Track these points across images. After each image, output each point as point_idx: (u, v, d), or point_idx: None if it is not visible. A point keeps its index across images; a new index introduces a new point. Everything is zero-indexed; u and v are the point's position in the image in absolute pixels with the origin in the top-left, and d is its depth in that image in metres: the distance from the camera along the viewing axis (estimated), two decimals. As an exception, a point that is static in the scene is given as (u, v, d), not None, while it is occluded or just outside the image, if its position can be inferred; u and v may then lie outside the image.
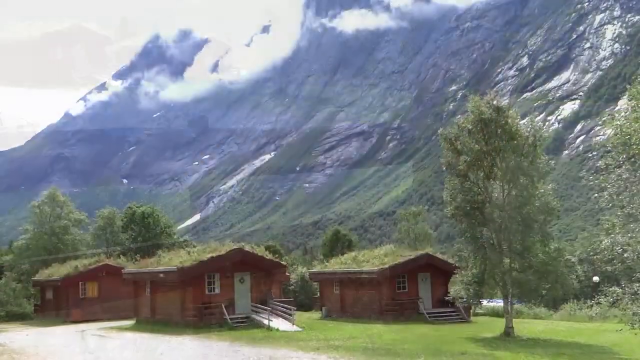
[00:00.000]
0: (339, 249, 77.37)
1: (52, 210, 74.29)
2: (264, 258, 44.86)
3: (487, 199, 34.56)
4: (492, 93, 38.05)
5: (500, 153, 34.38)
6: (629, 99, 23.28)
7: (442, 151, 37.47)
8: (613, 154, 22.74)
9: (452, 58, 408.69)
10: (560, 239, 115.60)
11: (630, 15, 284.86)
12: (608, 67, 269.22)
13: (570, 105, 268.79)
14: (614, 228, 22.72)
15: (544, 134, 36.25)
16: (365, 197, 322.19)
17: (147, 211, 75.77)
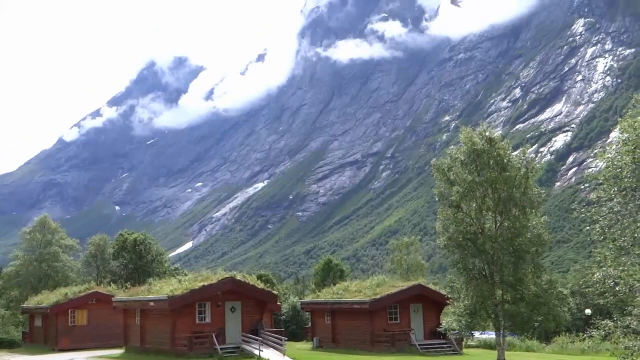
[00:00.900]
0: (330, 279, 77.03)
1: (43, 236, 73.79)
2: (256, 287, 44.55)
3: (479, 230, 34.53)
4: (485, 124, 38.23)
5: (493, 184, 34.41)
6: (621, 132, 23.37)
7: (435, 182, 37.51)
8: (605, 187, 22.79)
9: (446, 89, 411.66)
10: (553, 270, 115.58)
11: (621, 48, 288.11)
12: (600, 100, 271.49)
13: (562, 137, 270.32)
14: (606, 261, 22.69)
15: (536, 166, 36.28)
16: (357, 227, 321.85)
17: (139, 238, 75.28)
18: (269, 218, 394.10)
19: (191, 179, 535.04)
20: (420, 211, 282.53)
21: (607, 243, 23.00)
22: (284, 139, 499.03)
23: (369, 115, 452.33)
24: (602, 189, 23.01)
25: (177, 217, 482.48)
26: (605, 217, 22.24)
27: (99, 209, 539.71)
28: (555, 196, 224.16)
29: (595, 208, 23.15)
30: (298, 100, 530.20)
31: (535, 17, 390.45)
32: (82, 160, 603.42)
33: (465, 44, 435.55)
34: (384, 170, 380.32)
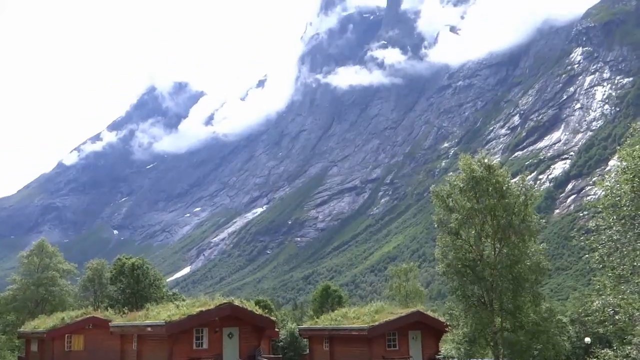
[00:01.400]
0: (329, 305, 76.65)
1: (41, 260, 73.55)
2: (254, 313, 44.28)
3: (478, 257, 34.48)
4: (483, 151, 38.35)
5: (492, 211, 34.43)
6: (619, 160, 23.43)
7: (434, 208, 37.53)
8: (604, 215, 22.81)
9: (445, 115, 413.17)
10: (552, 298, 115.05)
11: (619, 77, 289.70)
12: (598, 128, 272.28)
13: (561, 165, 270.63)
14: (605, 289, 22.65)
15: (535, 193, 36.35)
16: (356, 253, 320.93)
17: (137, 263, 74.98)
18: (267, 243, 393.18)
19: (190, 203, 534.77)
20: (419, 237, 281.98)
21: (606, 271, 22.98)
22: (283, 165, 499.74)
23: (368, 142, 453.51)
24: (601, 217, 23.03)
25: (175, 242, 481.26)
26: (604, 245, 22.25)
27: (98, 233, 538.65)
28: (554, 223, 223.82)
29: (594, 236, 23.15)
30: (297, 126, 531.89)
31: (533, 46, 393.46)
32: (81, 184, 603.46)
33: (464, 72, 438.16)
34: (383, 196, 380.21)
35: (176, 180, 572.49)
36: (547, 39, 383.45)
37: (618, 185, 22.00)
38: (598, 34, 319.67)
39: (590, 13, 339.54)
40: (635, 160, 21.74)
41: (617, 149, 24.47)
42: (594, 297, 23.80)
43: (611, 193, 22.13)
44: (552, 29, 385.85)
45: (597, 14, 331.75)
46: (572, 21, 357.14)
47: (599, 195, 47.35)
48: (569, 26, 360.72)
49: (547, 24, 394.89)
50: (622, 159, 22.80)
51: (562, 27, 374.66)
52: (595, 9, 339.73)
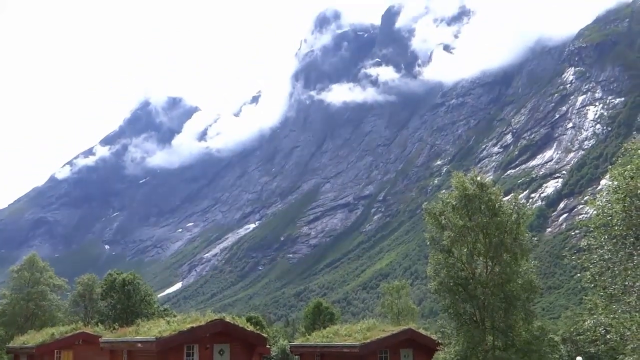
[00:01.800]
0: (320, 322, 76.37)
1: (31, 275, 73.12)
2: (245, 330, 44.07)
3: (470, 275, 34.47)
4: (476, 169, 38.47)
5: (484, 229, 34.47)
6: (611, 180, 23.56)
7: (426, 226, 37.55)
8: (595, 234, 22.89)
9: (438, 133, 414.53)
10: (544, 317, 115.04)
11: (611, 97, 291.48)
12: (590, 147, 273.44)
13: (553, 183, 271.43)
14: (596, 308, 22.68)
15: (527, 212, 36.42)
16: (348, 270, 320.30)
17: (128, 279, 74.63)
18: (259, 259, 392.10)
19: (182, 219, 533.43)
20: (412, 255, 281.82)
21: (597, 290, 23.03)
22: (276, 181, 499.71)
23: (361, 158, 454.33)
24: (592, 236, 23.11)
25: (167, 257, 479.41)
26: (595, 264, 22.33)
27: (89, 247, 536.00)
28: (546, 242, 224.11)
29: (586, 255, 23.23)
30: (291, 142, 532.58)
31: (526, 65, 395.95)
32: (73, 198, 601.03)
33: (457, 90, 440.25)
34: (376, 213, 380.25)
35: (168, 195, 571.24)
36: (540, 59, 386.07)
37: (609, 204, 22.12)
38: (590, 54, 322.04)
39: (582, 34, 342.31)
40: (627, 180, 21.86)
41: (609, 168, 24.61)
42: (585, 316, 23.83)
43: (602, 212, 22.25)
44: (545, 49, 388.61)
45: (590, 34, 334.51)
46: (565, 41, 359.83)
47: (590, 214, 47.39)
48: (561, 46, 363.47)
49: (539, 43, 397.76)
50: (614, 179, 22.93)
51: (554, 47, 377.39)
52: (587, 30, 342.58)
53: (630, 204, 21.41)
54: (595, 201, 23.80)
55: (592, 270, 22.60)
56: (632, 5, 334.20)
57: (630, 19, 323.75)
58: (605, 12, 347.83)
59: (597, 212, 23.08)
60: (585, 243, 23.74)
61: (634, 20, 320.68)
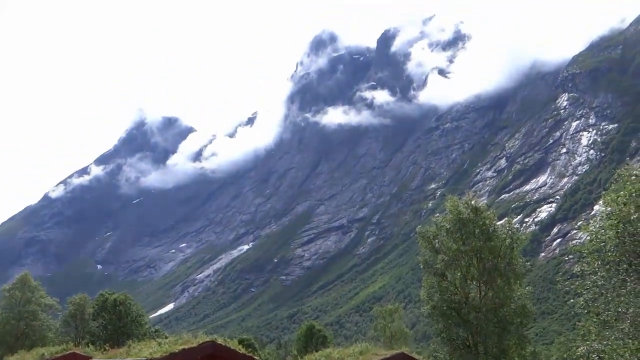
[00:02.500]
0: (313, 345, 75.94)
1: (23, 294, 72.57)
2: (237, 352, 43.60)
3: (463, 299, 34.42)
4: (470, 193, 38.56)
5: (478, 253, 34.50)
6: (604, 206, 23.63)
7: (420, 249, 37.54)
8: (589, 260, 22.91)
9: (432, 157, 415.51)
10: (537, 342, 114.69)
11: (604, 123, 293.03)
12: (584, 173, 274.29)
13: (547, 208, 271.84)
14: (590, 335, 22.62)
15: (521, 236, 36.50)
16: (341, 292, 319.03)
17: (119, 299, 74.14)
18: (252, 281, 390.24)
19: (176, 239, 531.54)
20: (405, 278, 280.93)
21: (591, 317, 22.98)
22: (270, 202, 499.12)
23: (355, 181, 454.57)
24: (585, 262, 23.12)
25: (159, 278, 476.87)
26: (589, 290, 22.32)
27: (81, 267, 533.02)
28: (539, 267, 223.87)
29: (579, 281, 23.24)
30: (285, 163, 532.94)
31: (520, 90, 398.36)
32: (66, 217, 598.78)
33: (452, 114, 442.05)
34: (370, 236, 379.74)
35: (162, 215, 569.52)
36: (534, 84, 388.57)
37: (603, 230, 22.16)
38: (584, 80, 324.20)
39: (576, 60, 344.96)
40: (620, 206, 21.94)
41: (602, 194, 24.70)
42: (578, 343, 23.76)
43: (596, 238, 22.29)
44: (539, 75, 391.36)
45: (583, 61, 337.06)
46: (559, 67, 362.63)
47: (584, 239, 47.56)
48: (555, 72, 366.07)
49: (534, 69, 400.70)
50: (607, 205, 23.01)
51: (548, 73, 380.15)
52: (581, 56, 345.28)
53: (624, 230, 21.45)
54: (589, 227, 23.84)
55: (585, 296, 22.59)
56: (625, 33, 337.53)
57: (623, 46, 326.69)
58: (598, 39, 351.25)
59: (590, 237, 23.12)
60: (579, 269, 23.75)
61: (626, 47, 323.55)
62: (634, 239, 21.21)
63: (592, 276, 22.41)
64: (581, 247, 23.98)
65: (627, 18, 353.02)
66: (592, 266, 22.47)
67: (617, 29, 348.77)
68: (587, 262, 22.89)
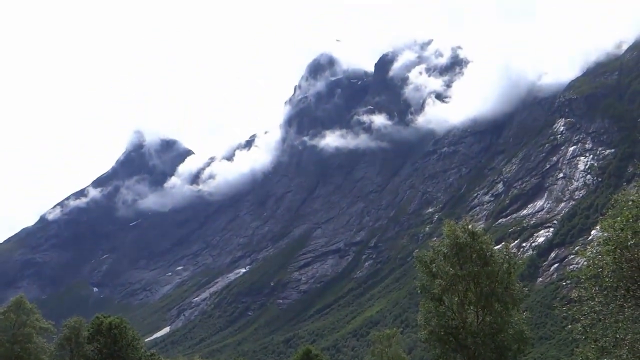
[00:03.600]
0: (309, 370, 75.45)
1: (18, 317, 72.27)
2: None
3: (461, 324, 34.31)
4: (467, 218, 38.59)
5: (475, 278, 34.46)
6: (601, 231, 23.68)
7: (417, 274, 37.49)
8: (586, 286, 22.90)
9: (429, 181, 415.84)
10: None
11: (601, 148, 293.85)
12: (581, 198, 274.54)
13: (544, 233, 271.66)
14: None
15: (518, 261, 36.48)
16: (339, 316, 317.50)
17: (115, 322, 73.77)
18: (249, 305, 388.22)
19: (172, 262, 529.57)
20: (402, 302, 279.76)
21: (589, 343, 22.90)
22: (267, 225, 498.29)
23: (353, 205, 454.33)
24: (583, 288, 23.11)
25: (156, 301, 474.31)
26: (586, 316, 22.26)
27: (77, 290, 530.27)
28: (537, 292, 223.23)
29: (577, 307, 23.19)
30: (283, 187, 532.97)
31: (517, 115, 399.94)
32: (63, 239, 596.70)
33: (449, 138, 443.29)
34: (367, 259, 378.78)
35: (159, 238, 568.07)
36: (531, 109, 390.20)
37: (600, 256, 22.17)
38: (580, 105, 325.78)
39: (572, 85, 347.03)
40: (617, 232, 21.97)
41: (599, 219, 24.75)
42: (576, 369, 23.64)
43: (593, 264, 22.30)
44: (536, 100, 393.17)
45: (580, 86, 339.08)
46: (555, 93, 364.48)
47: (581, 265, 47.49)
48: (552, 97, 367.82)
49: (530, 94, 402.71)
50: (604, 230, 23.05)
51: (545, 98, 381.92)
52: (577, 82, 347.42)
53: (621, 256, 21.47)
54: (586, 252, 23.88)
55: (583, 322, 22.55)
56: (621, 59, 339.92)
57: (619, 72, 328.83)
58: (595, 65, 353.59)
59: (587, 263, 23.14)
60: (576, 294, 23.74)
61: (622, 73, 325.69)
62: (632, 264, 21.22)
63: (590, 302, 22.39)
64: (578, 272, 24.01)
65: (623, 44, 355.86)
66: (590, 292, 22.47)
67: (614, 55, 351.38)
68: (584, 288, 22.89)
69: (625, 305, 21.30)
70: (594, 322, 22.20)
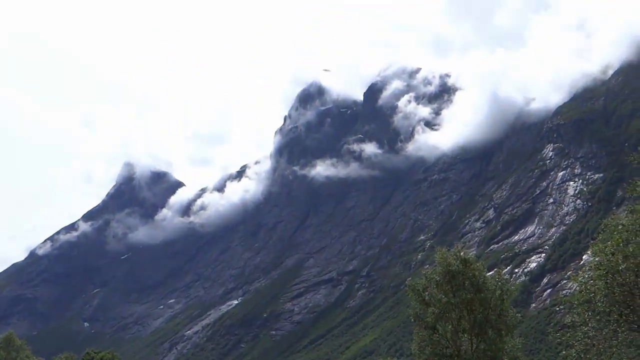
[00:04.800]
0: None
1: (7, 354, 71.55)
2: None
3: (455, 352, 34.16)
4: (459, 245, 38.63)
5: (468, 305, 34.38)
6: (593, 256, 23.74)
7: (411, 302, 37.39)
8: (579, 311, 22.89)
9: (421, 208, 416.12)
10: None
11: (590, 173, 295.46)
12: (571, 222, 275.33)
13: (536, 258, 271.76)
14: (583, 387, 22.43)
15: (510, 288, 36.47)
16: (333, 347, 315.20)
17: (106, 357, 73.07)
18: (242, 336, 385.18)
19: (164, 295, 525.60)
20: (396, 331, 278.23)
21: (583, 368, 22.80)
22: (259, 256, 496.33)
23: (344, 233, 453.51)
24: (576, 313, 23.09)
25: (147, 335, 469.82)
26: (580, 342, 22.20)
27: (68, 325, 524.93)
28: (530, 318, 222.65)
29: (570, 332, 23.14)
30: (274, 217, 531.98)
31: (506, 141, 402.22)
32: (53, 274, 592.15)
33: (439, 166, 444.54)
34: (360, 288, 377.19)
35: (150, 271, 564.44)
36: (520, 135, 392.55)
37: (592, 281, 22.20)
38: (568, 131, 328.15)
39: (560, 111, 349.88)
40: (608, 257, 22.03)
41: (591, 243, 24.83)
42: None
43: (585, 289, 22.33)
44: (525, 126, 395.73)
45: (567, 112, 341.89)
46: (544, 118, 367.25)
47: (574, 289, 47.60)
48: (540, 123, 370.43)
49: (519, 120, 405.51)
50: (596, 255, 23.10)
51: (533, 124, 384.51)
52: (565, 107, 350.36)
53: (613, 281, 21.51)
54: (578, 277, 23.91)
55: (577, 347, 22.49)
56: (607, 84, 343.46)
57: (605, 97, 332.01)
58: (581, 90, 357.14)
59: (580, 288, 23.17)
60: (570, 320, 23.70)
61: (609, 98, 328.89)
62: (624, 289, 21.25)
63: (583, 327, 22.36)
64: (571, 297, 24.03)
65: (609, 69, 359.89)
66: (583, 317, 22.46)
67: (600, 80, 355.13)
68: (577, 313, 22.87)
69: (619, 330, 21.30)
70: (588, 347, 22.17)
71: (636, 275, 21.59)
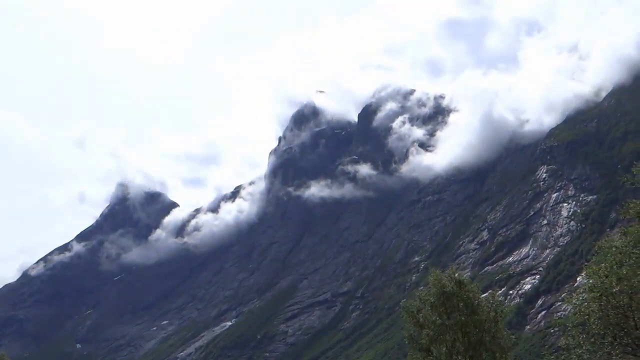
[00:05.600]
0: None
1: (-1, 376, 70.97)
2: None
3: (450, 375, 34.03)
4: (454, 266, 38.66)
5: (463, 327, 34.31)
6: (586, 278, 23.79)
7: (405, 324, 37.32)
8: (573, 333, 22.88)
9: (415, 230, 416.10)
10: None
11: (583, 194, 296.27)
12: (565, 244, 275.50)
13: (530, 280, 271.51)
14: (577, 410, 22.36)
15: (505, 309, 36.46)
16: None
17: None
18: (235, 358, 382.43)
19: (157, 316, 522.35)
20: (391, 353, 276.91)
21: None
22: (253, 277, 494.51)
23: (339, 255, 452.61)
24: (570, 335, 23.07)
25: (140, 357, 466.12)
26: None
27: (60, 346, 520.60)
28: (525, 340, 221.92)
29: (565, 355, 23.12)
30: (268, 238, 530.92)
31: (500, 163, 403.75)
32: (46, 295, 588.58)
33: (433, 187, 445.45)
34: (354, 310, 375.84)
35: (143, 292, 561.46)
36: (513, 157, 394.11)
37: (586, 303, 22.23)
38: (562, 152, 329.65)
39: (553, 133, 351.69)
40: (602, 279, 22.08)
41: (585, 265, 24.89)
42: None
43: (579, 311, 22.34)
44: (518, 147, 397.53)
45: (560, 134, 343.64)
46: (537, 140, 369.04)
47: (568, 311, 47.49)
48: (534, 145, 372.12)
49: (513, 142, 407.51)
50: (589, 277, 23.16)
51: (527, 146, 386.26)
52: (558, 129, 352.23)
53: (607, 303, 21.55)
54: (572, 299, 23.93)
55: (572, 371, 22.45)
56: (600, 106, 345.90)
57: (598, 119, 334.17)
58: (574, 112, 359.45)
59: (574, 310, 23.19)
60: (564, 342, 23.69)
61: (601, 120, 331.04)
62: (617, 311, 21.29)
63: (578, 350, 22.32)
64: (565, 320, 24.07)
65: (602, 91, 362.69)
66: (577, 340, 22.44)
67: (593, 102, 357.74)
68: (572, 336, 22.86)
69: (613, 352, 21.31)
70: (583, 370, 22.13)
71: (630, 298, 21.63)
